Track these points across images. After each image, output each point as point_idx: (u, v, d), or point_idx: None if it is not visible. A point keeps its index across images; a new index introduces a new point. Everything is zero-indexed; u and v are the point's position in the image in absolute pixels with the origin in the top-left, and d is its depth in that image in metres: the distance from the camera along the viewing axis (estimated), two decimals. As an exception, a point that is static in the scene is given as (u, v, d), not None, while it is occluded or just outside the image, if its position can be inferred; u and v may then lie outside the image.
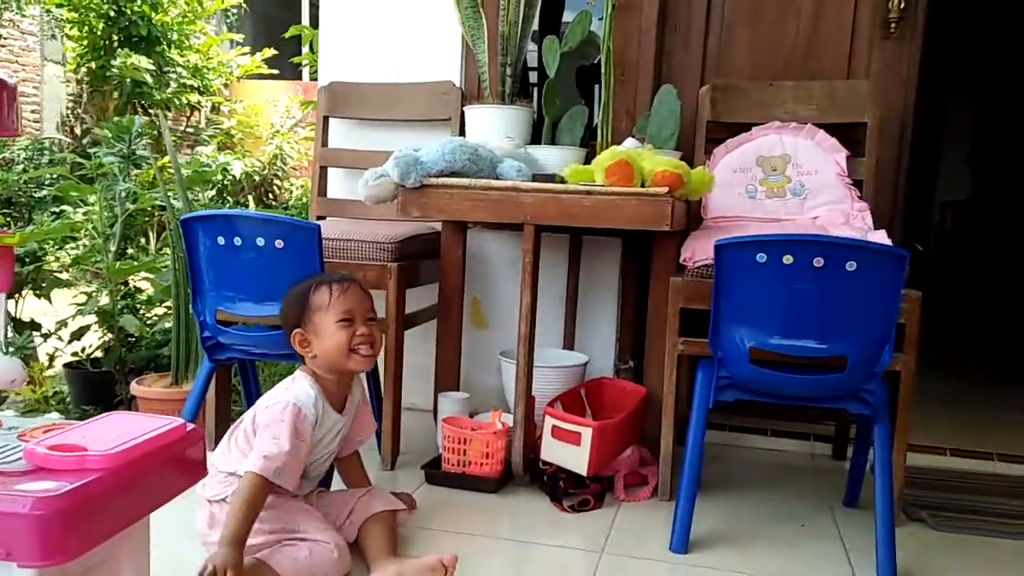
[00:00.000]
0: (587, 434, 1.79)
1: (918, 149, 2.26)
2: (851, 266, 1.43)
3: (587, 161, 2.03)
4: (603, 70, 2.18)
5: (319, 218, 2.38)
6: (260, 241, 1.72)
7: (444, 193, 1.80)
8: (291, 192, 6.87)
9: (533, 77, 2.50)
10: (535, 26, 2.39)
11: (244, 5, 8.50)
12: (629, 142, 2.01)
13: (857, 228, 1.85)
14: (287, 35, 3.78)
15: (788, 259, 1.46)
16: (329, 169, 2.48)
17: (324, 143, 2.45)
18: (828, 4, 2.19)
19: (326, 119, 2.45)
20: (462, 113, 2.27)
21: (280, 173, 7.09)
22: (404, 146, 1.87)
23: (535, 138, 2.22)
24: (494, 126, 2.14)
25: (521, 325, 1.83)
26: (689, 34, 2.32)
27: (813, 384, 1.54)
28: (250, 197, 6.53)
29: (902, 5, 2.10)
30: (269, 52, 7.72)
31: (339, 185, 2.50)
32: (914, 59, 2.13)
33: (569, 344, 2.39)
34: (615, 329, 2.42)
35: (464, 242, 2.18)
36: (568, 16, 2.58)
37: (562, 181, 1.84)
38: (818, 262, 1.44)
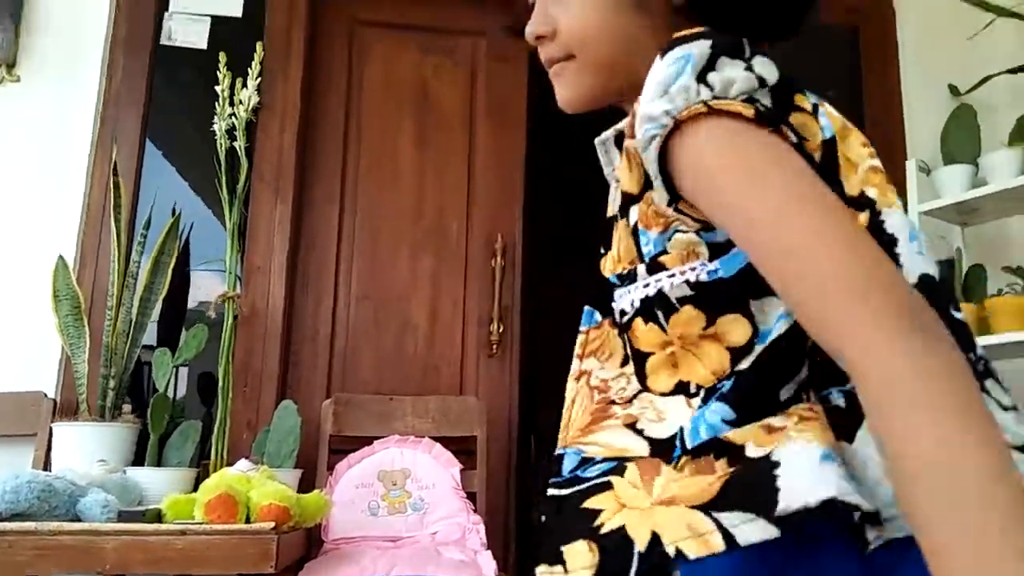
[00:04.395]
0: None
1: (524, 461, 2.45)
2: (450, 609, 1.41)
3: (197, 484, 1.88)
4: (220, 384, 2.11)
5: None
6: None
7: (2, 541, 1.51)
8: None
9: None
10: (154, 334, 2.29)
11: None
12: (242, 464, 1.90)
13: (470, 547, 1.89)
14: None
15: (390, 605, 1.41)
16: None
17: None
18: (440, 324, 2.40)
19: None
20: (51, 429, 2.00)
21: None
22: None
23: (139, 457, 2.02)
24: (87, 447, 1.92)
25: None
26: (316, 345, 2.37)
27: None
28: None
29: (500, 328, 2.37)
30: None
31: None
32: (514, 376, 2.37)
33: None
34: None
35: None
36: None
37: (158, 516, 1.66)
38: (418, 607, 1.41)
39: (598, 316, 0.69)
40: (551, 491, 0.63)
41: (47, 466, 1.99)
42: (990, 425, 0.46)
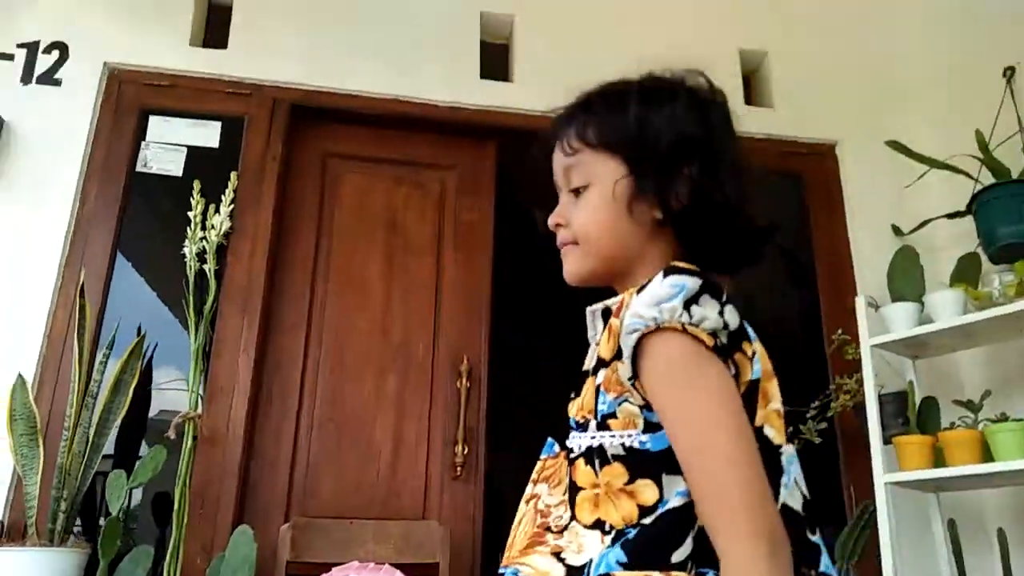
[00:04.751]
0: None
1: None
2: None
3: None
4: (176, 506, 2.05)
5: None
6: None
7: None
8: None
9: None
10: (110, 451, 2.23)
11: None
12: (194, 594, 1.83)
13: None
14: None
15: None
16: None
17: None
18: (404, 446, 2.38)
19: None
20: (-6, 555, 1.91)
21: None
22: None
23: (85, 585, 1.93)
24: (33, 573, 1.83)
25: None
26: (276, 469, 2.33)
27: None
28: None
29: (465, 451, 2.36)
30: None
31: None
32: (479, 500, 2.34)
33: None
34: None
35: None
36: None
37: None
38: None
39: (556, 448, 0.85)
40: None
41: (-15, 595, 1.88)
42: None
